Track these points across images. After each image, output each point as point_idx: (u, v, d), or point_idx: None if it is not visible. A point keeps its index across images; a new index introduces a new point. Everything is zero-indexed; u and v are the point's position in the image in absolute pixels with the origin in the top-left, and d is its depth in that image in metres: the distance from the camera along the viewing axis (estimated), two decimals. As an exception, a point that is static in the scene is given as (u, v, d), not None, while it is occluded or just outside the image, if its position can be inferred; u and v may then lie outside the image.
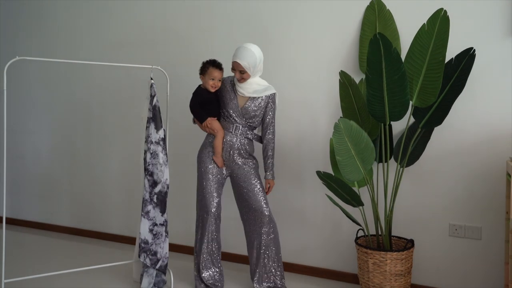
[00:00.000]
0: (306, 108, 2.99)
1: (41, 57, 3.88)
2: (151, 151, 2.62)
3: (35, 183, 4.12)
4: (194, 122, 2.77)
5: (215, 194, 2.65)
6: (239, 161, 2.65)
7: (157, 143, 2.62)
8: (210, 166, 2.66)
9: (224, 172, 2.69)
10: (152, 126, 2.63)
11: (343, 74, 2.57)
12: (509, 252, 2.21)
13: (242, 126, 2.63)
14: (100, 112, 3.81)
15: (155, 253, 2.65)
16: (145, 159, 2.65)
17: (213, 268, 2.71)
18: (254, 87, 2.60)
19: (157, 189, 2.64)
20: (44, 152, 4.08)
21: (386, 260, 2.38)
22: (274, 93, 2.65)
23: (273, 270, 2.65)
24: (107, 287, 2.78)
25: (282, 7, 3.05)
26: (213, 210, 2.64)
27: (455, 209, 2.62)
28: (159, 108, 2.65)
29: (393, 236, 2.65)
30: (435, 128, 2.58)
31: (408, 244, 2.50)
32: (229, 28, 3.23)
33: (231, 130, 2.63)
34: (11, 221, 4.21)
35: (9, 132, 4.12)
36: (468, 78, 2.39)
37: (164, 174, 2.62)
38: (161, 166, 2.62)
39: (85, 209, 3.90)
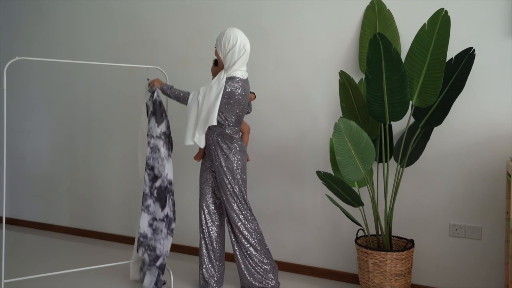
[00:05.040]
0: (306, 108, 2.99)
1: (41, 57, 3.88)
2: (152, 145, 2.60)
3: (35, 183, 4.12)
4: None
5: (208, 194, 2.69)
6: (219, 153, 2.61)
7: (158, 137, 2.60)
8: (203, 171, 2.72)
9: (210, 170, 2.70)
10: (153, 120, 2.61)
11: (343, 74, 2.57)
12: (509, 252, 2.21)
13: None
14: (100, 112, 3.81)
15: (154, 249, 2.60)
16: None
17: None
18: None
19: (157, 184, 2.61)
20: (44, 152, 4.08)
21: (386, 260, 2.38)
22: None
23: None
24: (107, 287, 2.78)
25: (282, 7, 3.05)
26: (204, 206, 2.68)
27: (455, 209, 2.62)
28: (160, 102, 2.63)
29: (393, 236, 2.65)
30: (435, 128, 2.58)
31: (408, 244, 2.50)
32: (229, 28, 3.23)
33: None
34: (11, 221, 4.21)
35: (9, 132, 4.12)
36: (468, 78, 2.39)
37: (165, 169, 2.60)
38: (162, 161, 2.59)
39: (85, 209, 3.90)
